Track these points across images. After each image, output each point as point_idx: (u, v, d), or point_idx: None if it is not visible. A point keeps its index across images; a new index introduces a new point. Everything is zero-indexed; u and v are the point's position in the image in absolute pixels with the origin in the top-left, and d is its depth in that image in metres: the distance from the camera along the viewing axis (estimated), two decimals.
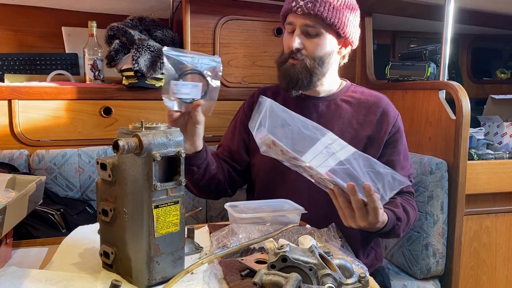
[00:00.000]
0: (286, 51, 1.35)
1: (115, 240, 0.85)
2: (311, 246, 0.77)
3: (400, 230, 1.23)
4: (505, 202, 1.76)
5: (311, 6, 1.25)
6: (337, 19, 1.28)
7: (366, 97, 1.41)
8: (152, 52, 1.75)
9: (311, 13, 1.26)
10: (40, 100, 1.70)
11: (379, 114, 1.37)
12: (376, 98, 1.41)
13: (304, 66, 1.31)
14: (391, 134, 1.37)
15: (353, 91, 1.44)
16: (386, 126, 1.36)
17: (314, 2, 1.26)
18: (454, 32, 1.80)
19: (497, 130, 2.11)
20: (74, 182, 1.67)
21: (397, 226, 1.22)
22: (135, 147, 0.75)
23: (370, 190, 1.02)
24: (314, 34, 1.29)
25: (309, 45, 1.30)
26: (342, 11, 1.29)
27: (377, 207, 1.05)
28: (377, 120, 1.36)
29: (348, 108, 1.39)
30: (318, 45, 1.30)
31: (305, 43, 1.30)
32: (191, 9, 1.89)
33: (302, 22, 1.28)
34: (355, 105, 1.40)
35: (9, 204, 0.84)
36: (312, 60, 1.30)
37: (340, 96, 1.41)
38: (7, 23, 2.15)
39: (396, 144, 1.37)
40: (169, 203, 0.81)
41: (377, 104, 1.39)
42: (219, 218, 1.83)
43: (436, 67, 1.79)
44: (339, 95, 1.42)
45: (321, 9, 1.25)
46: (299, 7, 1.27)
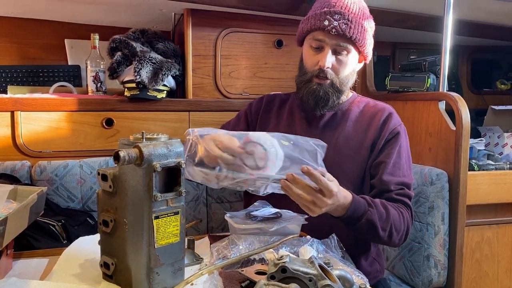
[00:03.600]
0: (311, 68, 1.34)
1: (115, 251, 0.85)
2: (311, 257, 0.78)
3: (374, 218, 1.17)
4: (507, 213, 1.76)
5: (345, 28, 1.26)
6: (364, 40, 1.31)
7: (371, 107, 1.42)
8: (154, 64, 1.77)
9: (346, 35, 1.27)
10: (43, 112, 1.71)
11: (381, 122, 1.37)
12: (381, 107, 1.42)
13: (331, 85, 1.32)
14: (388, 139, 1.36)
15: (359, 101, 1.45)
16: (386, 130, 1.36)
17: (348, 24, 1.26)
18: (454, 43, 1.82)
19: (497, 141, 2.11)
20: (76, 193, 1.67)
21: (369, 212, 1.16)
22: (136, 158, 0.76)
23: (309, 170, 1.00)
24: (343, 54, 1.30)
25: (337, 64, 1.31)
26: (368, 31, 1.33)
27: (327, 184, 1.02)
28: (379, 127, 1.37)
29: (353, 117, 1.41)
30: (345, 64, 1.32)
31: (332, 61, 1.31)
32: (192, 21, 1.91)
33: (335, 42, 1.29)
34: (360, 114, 1.41)
35: (10, 215, 0.84)
36: (339, 79, 1.32)
37: (346, 105, 1.43)
38: (11, 36, 2.18)
39: (390, 149, 1.34)
40: (169, 214, 0.82)
41: (381, 113, 1.39)
42: (220, 229, 1.83)
43: (435, 78, 1.80)
44: (345, 105, 1.43)
45: (355, 31, 1.27)
46: (333, 27, 1.26)
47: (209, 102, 1.92)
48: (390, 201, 1.28)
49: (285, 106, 1.49)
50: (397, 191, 1.30)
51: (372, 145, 1.36)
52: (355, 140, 1.37)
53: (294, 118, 1.44)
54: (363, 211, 1.16)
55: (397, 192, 1.30)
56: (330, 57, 1.29)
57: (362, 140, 1.36)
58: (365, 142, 1.36)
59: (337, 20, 1.26)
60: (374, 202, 1.20)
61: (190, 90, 1.93)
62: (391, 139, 1.36)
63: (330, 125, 1.40)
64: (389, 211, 1.22)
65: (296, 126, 1.43)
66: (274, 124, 1.47)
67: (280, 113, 1.49)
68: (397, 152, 1.35)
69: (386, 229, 1.21)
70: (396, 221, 1.23)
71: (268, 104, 1.53)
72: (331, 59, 1.30)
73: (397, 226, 1.24)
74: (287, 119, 1.46)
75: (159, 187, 0.80)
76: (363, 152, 1.35)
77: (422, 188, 1.63)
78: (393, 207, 1.25)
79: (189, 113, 1.89)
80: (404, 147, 1.38)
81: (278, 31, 2.03)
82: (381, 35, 2.33)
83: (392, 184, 1.30)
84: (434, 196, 1.61)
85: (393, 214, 1.23)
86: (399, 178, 1.32)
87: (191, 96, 1.93)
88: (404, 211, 1.28)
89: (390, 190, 1.30)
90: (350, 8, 1.30)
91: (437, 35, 1.80)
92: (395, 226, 1.23)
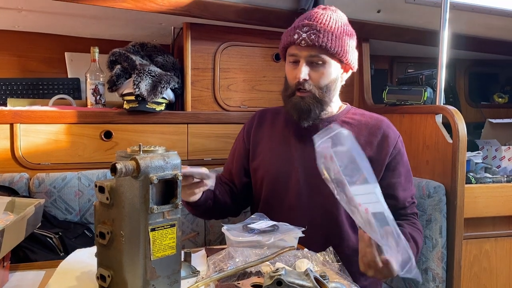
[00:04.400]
0: (291, 82, 1.36)
1: (111, 263, 0.85)
2: (307, 269, 0.78)
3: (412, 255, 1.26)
4: (505, 226, 1.76)
5: (314, 37, 1.28)
6: (339, 48, 1.31)
7: (366, 119, 1.43)
8: (153, 77, 1.78)
9: (315, 44, 1.28)
10: (42, 124, 1.72)
11: (380, 136, 1.38)
12: (377, 120, 1.42)
13: (313, 97, 1.33)
14: (392, 157, 1.38)
15: (354, 113, 1.46)
16: (387, 148, 1.37)
17: (317, 34, 1.28)
18: (451, 57, 1.83)
19: (495, 154, 2.12)
20: (74, 206, 1.67)
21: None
22: (133, 170, 0.77)
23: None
24: (320, 64, 1.31)
25: (314, 75, 1.32)
26: (343, 39, 1.32)
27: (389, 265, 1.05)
28: (378, 142, 1.38)
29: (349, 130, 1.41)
30: (323, 74, 1.33)
31: (310, 73, 1.32)
32: (191, 35, 1.93)
33: (307, 53, 1.31)
34: (356, 127, 1.41)
35: (7, 226, 0.85)
36: (320, 89, 1.33)
37: (340, 117, 1.43)
38: (11, 49, 2.20)
39: (397, 167, 1.39)
40: (166, 226, 0.82)
41: (377, 126, 1.40)
42: (218, 242, 1.82)
43: (432, 92, 1.81)
44: (340, 117, 1.43)
45: (325, 40, 1.28)
46: (302, 39, 1.29)
47: (208, 114, 1.94)
48: (404, 216, 1.36)
49: (278, 120, 1.50)
50: (410, 206, 1.39)
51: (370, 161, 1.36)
52: None
53: (289, 133, 1.45)
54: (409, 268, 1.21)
55: (410, 208, 1.39)
56: (305, 68, 1.31)
57: None
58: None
59: (305, 32, 1.29)
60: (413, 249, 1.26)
61: (189, 102, 1.94)
62: (395, 156, 1.39)
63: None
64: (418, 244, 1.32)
65: (291, 140, 1.43)
66: (268, 138, 1.48)
67: (274, 127, 1.50)
68: (405, 166, 1.41)
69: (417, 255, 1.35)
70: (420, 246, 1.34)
71: (260, 119, 1.55)
72: (306, 70, 1.31)
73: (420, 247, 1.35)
74: (282, 134, 1.47)
75: (156, 199, 0.81)
76: None
77: (420, 201, 1.63)
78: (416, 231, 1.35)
79: (187, 125, 1.90)
80: (406, 159, 1.42)
81: (276, 45, 2.04)
82: (379, 49, 2.37)
83: (406, 201, 1.38)
84: (431, 209, 1.61)
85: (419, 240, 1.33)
86: (410, 192, 1.40)
87: (190, 109, 1.94)
88: (419, 226, 1.39)
89: (405, 206, 1.38)
90: (320, 20, 1.32)
91: (434, 49, 1.82)
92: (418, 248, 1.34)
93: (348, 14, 2.06)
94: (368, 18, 2.10)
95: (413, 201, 1.41)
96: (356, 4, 2.04)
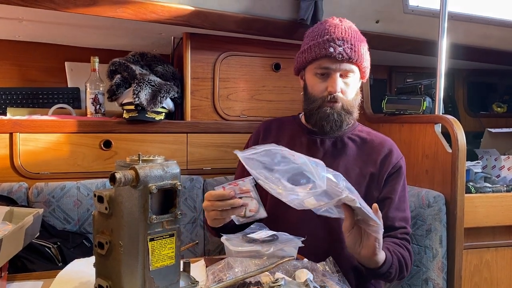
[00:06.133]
0: (320, 95, 1.37)
1: (110, 273, 0.85)
2: (306, 280, 0.77)
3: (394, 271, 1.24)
4: (505, 236, 1.75)
5: (350, 52, 1.32)
6: (365, 61, 1.37)
7: (372, 138, 1.44)
8: (153, 86, 1.79)
9: (352, 58, 1.32)
10: (41, 133, 1.72)
11: (383, 154, 1.40)
12: (382, 139, 1.44)
13: (342, 108, 1.36)
14: (391, 173, 1.39)
15: (360, 131, 1.47)
16: (388, 164, 1.39)
17: (352, 48, 1.32)
18: (450, 67, 1.84)
19: (494, 163, 2.11)
20: (72, 215, 1.67)
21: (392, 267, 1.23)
22: (132, 179, 0.76)
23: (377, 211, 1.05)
24: (350, 77, 1.36)
25: (344, 87, 1.36)
26: (366, 51, 1.38)
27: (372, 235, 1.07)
28: (381, 159, 1.39)
29: (354, 147, 1.42)
30: (352, 86, 1.37)
31: (341, 85, 1.36)
32: (191, 45, 1.94)
33: (343, 67, 1.34)
34: (360, 144, 1.43)
35: (5, 236, 0.84)
36: (348, 101, 1.37)
37: (347, 134, 1.44)
38: (11, 58, 2.21)
39: (394, 184, 1.38)
40: (165, 236, 0.82)
41: (382, 145, 1.42)
42: (217, 252, 1.82)
43: (431, 101, 1.82)
44: (346, 133, 1.44)
45: (358, 54, 1.33)
46: (339, 53, 1.31)
47: (207, 124, 1.94)
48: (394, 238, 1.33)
49: (284, 131, 1.50)
50: (401, 230, 1.36)
51: (371, 177, 1.37)
52: (355, 171, 1.38)
53: (295, 144, 1.45)
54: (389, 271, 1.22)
55: (401, 231, 1.35)
56: (339, 81, 1.34)
57: (363, 171, 1.38)
58: (365, 173, 1.38)
59: (341, 46, 1.31)
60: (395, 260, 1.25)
61: (189, 112, 1.95)
62: (394, 173, 1.39)
63: (331, 153, 1.41)
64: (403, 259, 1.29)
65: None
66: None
67: (279, 139, 1.49)
68: (402, 186, 1.39)
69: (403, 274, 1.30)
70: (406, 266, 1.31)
71: (266, 130, 1.55)
72: (340, 83, 1.34)
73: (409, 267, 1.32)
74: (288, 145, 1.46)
75: (155, 209, 0.80)
76: (362, 182, 1.37)
77: (419, 211, 1.63)
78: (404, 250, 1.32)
79: (187, 135, 1.90)
80: (405, 180, 1.42)
81: (275, 54, 2.06)
82: (378, 59, 2.37)
83: (397, 221, 1.35)
84: (431, 219, 1.61)
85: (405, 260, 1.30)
86: (403, 214, 1.37)
87: (190, 118, 1.94)
88: (409, 248, 1.35)
89: (395, 227, 1.35)
90: (348, 32, 1.35)
91: (433, 58, 1.83)
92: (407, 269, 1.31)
93: None
94: (367, 28, 2.11)
95: (404, 226, 1.36)
96: (355, 15, 2.05)
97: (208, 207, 1.20)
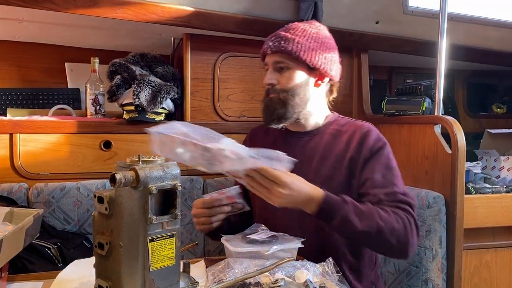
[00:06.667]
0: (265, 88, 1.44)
1: (110, 274, 0.85)
2: (306, 280, 0.77)
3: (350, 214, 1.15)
4: (504, 237, 1.75)
5: (277, 44, 1.36)
6: (302, 52, 1.35)
7: (350, 125, 1.42)
8: (153, 87, 1.79)
9: (278, 50, 1.36)
10: (41, 134, 1.72)
11: (359, 139, 1.36)
12: (360, 125, 1.41)
13: (278, 98, 1.38)
14: (368, 157, 1.33)
15: (338, 124, 1.45)
16: (365, 148, 1.34)
17: (279, 41, 1.36)
18: (449, 67, 1.85)
19: (494, 164, 2.12)
20: (72, 216, 1.67)
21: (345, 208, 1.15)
22: (132, 180, 0.76)
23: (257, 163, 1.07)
24: (285, 69, 1.38)
25: (281, 79, 1.39)
26: (308, 45, 1.36)
27: (275, 174, 1.10)
28: (357, 143, 1.35)
29: (331, 138, 1.41)
30: (288, 78, 1.38)
31: (277, 78, 1.39)
32: (191, 46, 1.95)
33: (272, 59, 1.39)
34: (337, 133, 1.41)
35: (6, 237, 0.84)
36: (285, 92, 1.38)
37: (326, 129, 1.43)
38: (12, 59, 2.21)
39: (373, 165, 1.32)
40: (165, 237, 0.82)
41: (359, 130, 1.39)
42: (217, 252, 1.82)
43: (431, 102, 1.82)
44: (324, 128, 1.44)
45: (285, 45, 1.35)
46: (268, 48, 1.38)
47: (207, 124, 1.91)
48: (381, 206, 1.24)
49: (269, 136, 1.52)
50: (390, 200, 1.25)
51: (351, 161, 1.35)
52: (333, 159, 1.36)
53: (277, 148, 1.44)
54: (337, 207, 1.15)
55: (389, 199, 1.25)
56: (270, 74, 1.39)
57: (341, 159, 1.35)
58: (343, 160, 1.35)
59: (272, 41, 1.38)
60: (350, 200, 1.19)
61: (189, 112, 1.95)
62: (372, 156, 1.33)
63: (307, 148, 1.41)
64: (372, 209, 1.19)
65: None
66: None
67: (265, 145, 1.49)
68: (385, 165, 1.32)
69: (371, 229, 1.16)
70: (384, 219, 1.17)
71: (252, 137, 1.58)
72: (272, 75, 1.39)
73: (387, 224, 1.17)
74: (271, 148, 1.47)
75: (155, 209, 0.81)
76: (342, 170, 1.34)
77: (419, 211, 1.63)
78: (380, 208, 1.20)
79: None
80: (391, 162, 1.34)
81: None
82: (378, 60, 2.38)
83: (381, 194, 1.26)
84: (431, 220, 1.61)
85: (379, 212, 1.19)
86: (390, 189, 1.28)
87: (190, 119, 1.94)
88: (398, 212, 1.22)
89: (380, 200, 1.25)
90: (287, 29, 1.40)
91: (433, 59, 1.83)
92: (384, 224, 1.17)
93: (347, 25, 2.09)
94: (367, 29, 2.12)
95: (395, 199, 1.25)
96: (355, 16, 2.05)
97: (197, 214, 1.31)
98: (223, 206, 1.31)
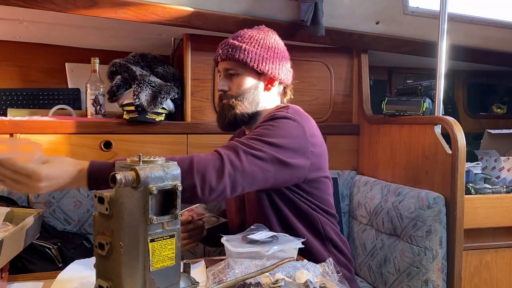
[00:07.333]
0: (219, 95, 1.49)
1: (110, 274, 0.85)
2: (306, 280, 0.78)
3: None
4: (505, 237, 1.75)
5: (226, 52, 1.42)
6: (249, 59, 1.40)
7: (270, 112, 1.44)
8: (153, 87, 1.79)
9: (227, 57, 1.41)
10: (42, 134, 1.72)
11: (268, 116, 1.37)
12: (280, 106, 1.45)
13: (229, 104, 1.43)
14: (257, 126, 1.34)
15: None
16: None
17: (227, 48, 1.42)
18: (449, 68, 1.84)
19: (494, 165, 2.11)
20: (73, 216, 1.67)
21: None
22: (132, 180, 0.77)
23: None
24: (235, 75, 1.43)
25: (231, 85, 1.44)
26: (255, 51, 1.41)
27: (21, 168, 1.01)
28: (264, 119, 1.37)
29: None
30: (238, 84, 1.43)
31: (229, 84, 1.44)
32: (191, 46, 1.95)
33: (223, 66, 1.45)
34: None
35: (6, 237, 0.84)
36: (234, 97, 1.43)
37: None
38: (12, 59, 2.21)
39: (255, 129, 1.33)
40: (165, 237, 0.82)
41: (274, 109, 1.42)
42: (217, 252, 1.82)
43: (431, 103, 1.82)
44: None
45: (233, 52, 1.40)
46: (219, 55, 1.44)
47: (208, 124, 1.94)
48: None
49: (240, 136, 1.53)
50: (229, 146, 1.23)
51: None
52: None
53: None
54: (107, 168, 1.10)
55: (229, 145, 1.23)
56: (222, 80, 1.45)
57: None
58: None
59: (222, 48, 1.44)
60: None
61: (189, 113, 1.95)
62: (263, 122, 1.32)
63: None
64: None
65: None
66: None
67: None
68: (267, 125, 1.29)
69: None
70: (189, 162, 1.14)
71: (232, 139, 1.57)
72: (224, 82, 1.44)
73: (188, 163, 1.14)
74: None
75: (155, 210, 0.81)
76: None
77: (420, 212, 1.63)
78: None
79: (187, 135, 1.90)
80: (273, 126, 1.28)
81: None
82: (378, 60, 2.38)
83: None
84: (431, 220, 1.61)
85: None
86: (244, 140, 1.25)
87: (190, 119, 1.94)
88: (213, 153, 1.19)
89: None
90: (235, 36, 1.45)
91: (433, 60, 1.83)
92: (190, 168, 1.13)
93: (347, 25, 2.09)
94: (367, 30, 2.12)
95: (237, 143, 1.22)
96: (355, 16, 2.06)
97: None
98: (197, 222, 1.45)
